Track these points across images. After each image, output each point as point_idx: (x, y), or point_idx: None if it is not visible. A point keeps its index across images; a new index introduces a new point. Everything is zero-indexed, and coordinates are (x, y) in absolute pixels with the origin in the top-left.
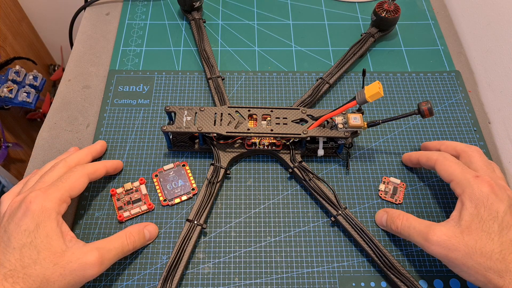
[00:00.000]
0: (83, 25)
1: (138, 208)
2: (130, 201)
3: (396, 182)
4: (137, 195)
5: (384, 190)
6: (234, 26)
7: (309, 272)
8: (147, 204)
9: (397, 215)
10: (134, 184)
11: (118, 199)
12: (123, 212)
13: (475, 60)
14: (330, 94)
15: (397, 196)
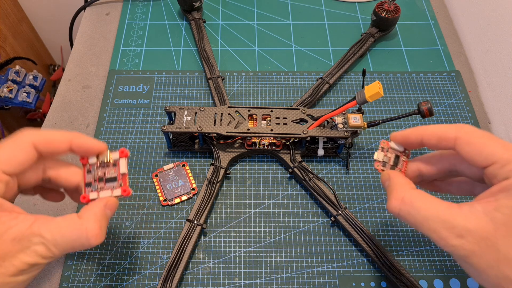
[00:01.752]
0: (83, 25)
1: (109, 190)
2: (103, 178)
3: (399, 149)
4: (114, 172)
5: (382, 160)
6: (234, 26)
7: (309, 272)
8: (123, 187)
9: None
10: (113, 156)
11: (89, 171)
12: (90, 192)
13: (475, 60)
14: (330, 94)
15: (400, 168)
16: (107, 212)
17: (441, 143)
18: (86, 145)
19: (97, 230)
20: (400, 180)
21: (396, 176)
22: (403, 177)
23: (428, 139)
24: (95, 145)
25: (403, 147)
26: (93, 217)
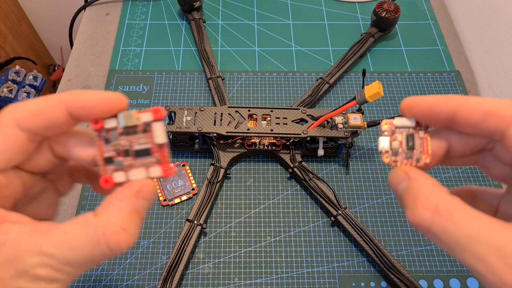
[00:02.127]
0: (83, 25)
1: (142, 169)
2: (129, 151)
3: (410, 125)
4: (146, 141)
5: (391, 149)
6: (234, 26)
7: (309, 272)
8: (162, 164)
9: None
10: (142, 117)
11: (107, 140)
12: (114, 172)
13: (475, 60)
14: (330, 94)
15: (421, 151)
16: (138, 202)
17: (486, 122)
18: (91, 102)
19: (118, 230)
20: (427, 181)
21: (419, 176)
22: (430, 177)
23: (467, 114)
24: (106, 100)
25: (415, 121)
26: (115, 213)
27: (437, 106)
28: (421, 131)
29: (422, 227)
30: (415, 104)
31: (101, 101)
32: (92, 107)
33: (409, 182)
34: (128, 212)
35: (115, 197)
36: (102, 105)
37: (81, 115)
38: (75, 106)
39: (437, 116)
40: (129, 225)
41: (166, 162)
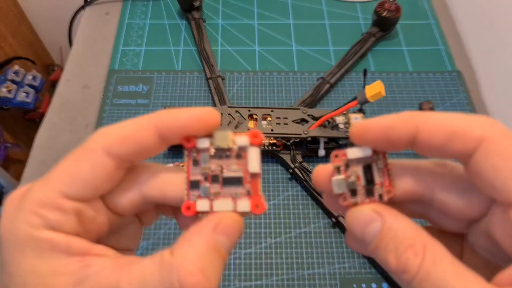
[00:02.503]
0: (83, 25)
1: (229, 199)
2: (218, 177)
3: (365, 155)
4: (238, 167)
5: (346, 190)
6: (234, 26)
7: (309, 273)
8: (253, 198)
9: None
10: (238, 140)
11: (196, 162)
12: (198, 199)
13: (477, 60)
14: (330, 94)
15: (381, 184)
16: (218, 238)
17: (451, 145)
18: (183, 121)
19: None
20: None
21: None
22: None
23: (428, 135)
24: (198, 116)
25: (371, 149)
26: (190, 250)
27: (392, 129)
28: (379, 161)
29: (408, 274)
30: (367, 130)
31: (194, 118)
32: (184, 126)
33: (384, 222)
34: (205, 249)
35: (192, 231)
36: (195, 123)
37: (172, 136)
38: (166, 127)
39: (394, 141)
40: (206, 266)
41: (258, 196)
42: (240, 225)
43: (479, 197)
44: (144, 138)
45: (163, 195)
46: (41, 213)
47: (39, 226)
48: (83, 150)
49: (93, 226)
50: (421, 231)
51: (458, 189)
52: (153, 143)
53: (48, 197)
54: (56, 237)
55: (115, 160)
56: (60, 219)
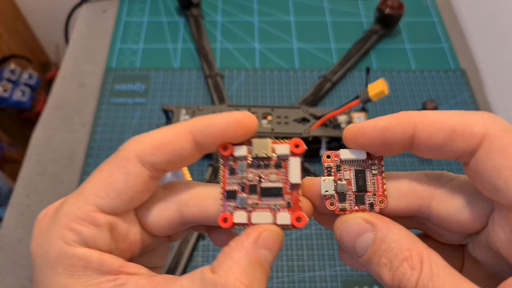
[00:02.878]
0: (79, 22)
1: (268, 211)
2: (256, 187)
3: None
4: (277, 178)
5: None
6: (234, 23)
7: (310, 276)
8: (294, 210)
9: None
10: (278, 149)
11: (233, 170)
12: (235, 210)
13: (481, 58)
14: (332, 93)
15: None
16: (260, 253)
17: (452, 144)
18: (221, 127)
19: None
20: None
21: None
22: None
23: (427, 135)
24: (236, 120)
25: (366, 153)
26: (234, 266)
27: (388, 131)
28: (373, 166)
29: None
30: (362, 132)
31: (232, 123)
32: (222, 132)
33: (376, 233)
34: (248, 264)
35: (233, 246)
36: (233, 127)
37: (209, 143)
38: (203, 133)
39: (391, 143)
40: (251, 282)
41: (298, 208)
42: (281, 237)
43: (478, 210)
44: (180, 146)
45: (203, 212)
46: (75, 228)
47: (73, 242)
48: (115, 159)
49: (125, 244)
50: (417, 242)
51: (456, 203)
52: (189, 150)
53: (83, 211)
54: (90, 254)
55: (149, 169)
56: (95, 234)
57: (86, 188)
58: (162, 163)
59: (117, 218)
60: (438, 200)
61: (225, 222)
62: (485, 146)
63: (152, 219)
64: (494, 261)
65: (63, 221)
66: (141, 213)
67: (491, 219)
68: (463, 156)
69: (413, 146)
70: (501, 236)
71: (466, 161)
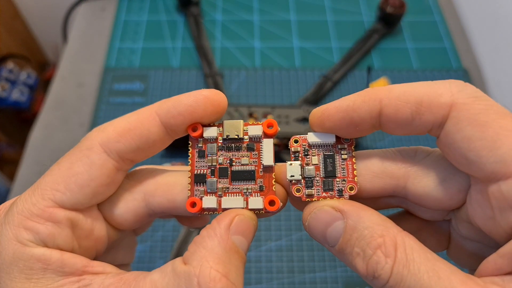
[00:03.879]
0: (78, 21)
1: (239, 196)
2: (227, 170)
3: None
4: (249, 160)
5: (303, 179)
6: (234, 22)
7: (311, 277)
8: (267, 194)
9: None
10: (250, 130)
11: (202, 153)
12: (204, 195)
13: (483, 58)
14: (333, 92)
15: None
16: (235, 239)
17: (420, 118)
18: (189, 104)
19: (217, 276)
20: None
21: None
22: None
23: (393, 111)
24: (205, 97)
25: (335, 136)
26: (208, 255)
27: (354, 110)
28: (343, 150)
29: (379, 280)
30: (327, 115)
31: (200, 99)
32: (190, 110)
33: (347, 220)
34: (223, 252)
35: (204, 235)
36: (201, 104)
37: (177, 123)
38: (170, 113)
39: (358, 123)
40: (228, 269)
41: (271, 192)
42: (255, 222)
43: (455, 186)
44: (147, 130)
45: (171, 201)
46: (31, 226)
47: (29, 241)
48: (77, 149)
49: (89, 241)
50: (391, 227)
51: (431, 180)
52: (157, 134)
53: (38, 206)
54: (49, 254)
55: (115, 159)
56: (53, 232)
57: (42, 182)
58: (129, 151)
59: (79, 214)
60: (413, 179)
61: (193, 207)
62: (453, 116)
63: (117, 213)
64: (478, 236)
65: (16, 220)
66: (104, 206)
67: (468, 194)
68: (433, 129)
69: (382, 124)
70: (478, 211)
71: (436, 134)
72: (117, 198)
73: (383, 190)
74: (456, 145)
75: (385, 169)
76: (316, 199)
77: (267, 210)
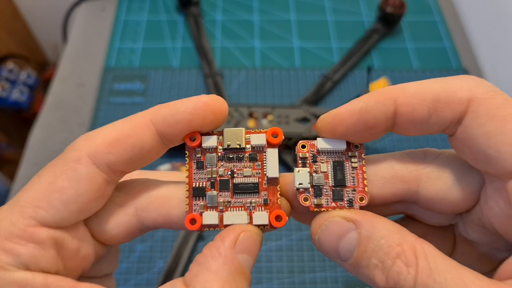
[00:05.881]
0: (78, 21)
1: (243, 210)
2: (228, 183)
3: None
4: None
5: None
6: (234, 22)
7: (311, 277)
8: (272, 208)
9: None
10: (253, 139)
11: (200, 164)
12: (204, 210)
13: (483, 58)
14: (333, 92)
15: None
16: (240, 258)
17: (437, 116)
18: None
19: None
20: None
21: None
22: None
23: (410, 107)
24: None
25: (345, 142)
26: (211, 278)
27: (368, 112)
28: (353, 158)
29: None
30: (339, 120)
31: (199, 107)
32: (188, 118)
33: (361, 231)
34: (228, 274)
35: (207, 254)
36: (200, 112)
37: (173, 132)
38: (166, 122)
39: (373, 126)
40: None
41: (276, 205)
42: (261, 238)
43: (469, 186)
44: (140, 139)
45: (166, 216)
46: (10, 248)
47: (8, 265)
48: (62, 161)
49: (76, 261)
50: (407, 234)
51: (445, 183)
52: (151, 144)
53: (18, 226)
54: (32, 278)
55: (105, 172)
56: (36, 253)
57: (22, 198)
58: (120, 162)
59: (63, 232)
60: (425, 182)
61: (192, 225)
62: (472, 111)
63: (106, 228)
64: (488, 239)
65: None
66: (91, 221)
67: (483, 193)
68: (450, 126)
69: (396, 124)
70: (495, 210)
71: (452, 132)
72: (106, 213)
73: (394, 196)
74: (475, 141)
75: (396, 173)
76: (325, 209)
77: (273, 226)
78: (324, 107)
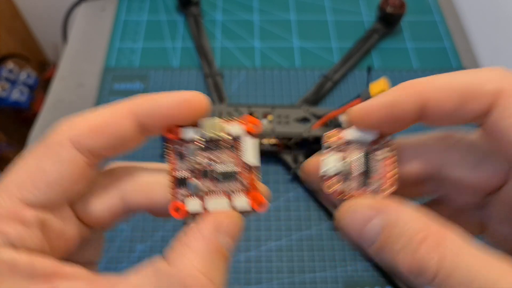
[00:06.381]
0: (78, 21)
1: (223, 197)
2: (208, 172)
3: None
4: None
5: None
6: (234, 22)
7: (311, 277)
8: (251, 192)
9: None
10: (231, 129)
11: (181, 155)
12: (186, 198)
13: (484, 58)
14: (333, 92)
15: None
16: (221, 240)
17: (465, 108)
18: (168, 106)
19: (202, 280)
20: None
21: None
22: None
23: (437, 103)
24: (185, 100)
25: (374, 133)
26: (193, 257)
27: (397, 105)
28: (381, 149)
29: (427, 274)
30: (370, 111)
31: (180, 103)
32: (168, 113)
33: (387, 216)
34: (209, 253)
35: (191, 235)
36: (181, 108)
37: (154, 125)
38: (147, 114)
39: (401, 118)
40: (213, 271)
41: (256, 190)
42: (241, 223)
43: (495, 166)
44: (121, 128)
45: (150, 199)
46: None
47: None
48: (44, 145)
49: (60, 241)
50: (433, 221)
51: (470, 161)
52: (131, 133)
53: (5, 206)
54: (18, 257)
55: (86, 156)
56: (22, 233)
57: (8, 180)
58: (101, 148)
59: (49, 213)
60: (451, 162)
61: (177, 212)
62: (501, 104)
63: (92, 210)
64: None
65: None
66: (77, 204)
67: None
68: (478, 118)
69: (426, 116)
70: None
71: (480, 123)
72: (92, 195)
73: (419, 176)
74: (505, 132)
75: (423, 153)
76: (349, 196)
77: (254, 210)
78: (324, 107)
